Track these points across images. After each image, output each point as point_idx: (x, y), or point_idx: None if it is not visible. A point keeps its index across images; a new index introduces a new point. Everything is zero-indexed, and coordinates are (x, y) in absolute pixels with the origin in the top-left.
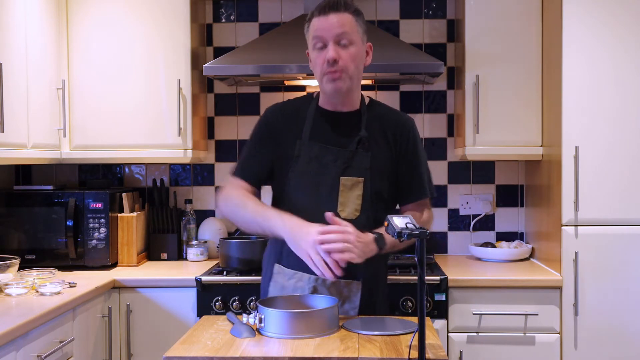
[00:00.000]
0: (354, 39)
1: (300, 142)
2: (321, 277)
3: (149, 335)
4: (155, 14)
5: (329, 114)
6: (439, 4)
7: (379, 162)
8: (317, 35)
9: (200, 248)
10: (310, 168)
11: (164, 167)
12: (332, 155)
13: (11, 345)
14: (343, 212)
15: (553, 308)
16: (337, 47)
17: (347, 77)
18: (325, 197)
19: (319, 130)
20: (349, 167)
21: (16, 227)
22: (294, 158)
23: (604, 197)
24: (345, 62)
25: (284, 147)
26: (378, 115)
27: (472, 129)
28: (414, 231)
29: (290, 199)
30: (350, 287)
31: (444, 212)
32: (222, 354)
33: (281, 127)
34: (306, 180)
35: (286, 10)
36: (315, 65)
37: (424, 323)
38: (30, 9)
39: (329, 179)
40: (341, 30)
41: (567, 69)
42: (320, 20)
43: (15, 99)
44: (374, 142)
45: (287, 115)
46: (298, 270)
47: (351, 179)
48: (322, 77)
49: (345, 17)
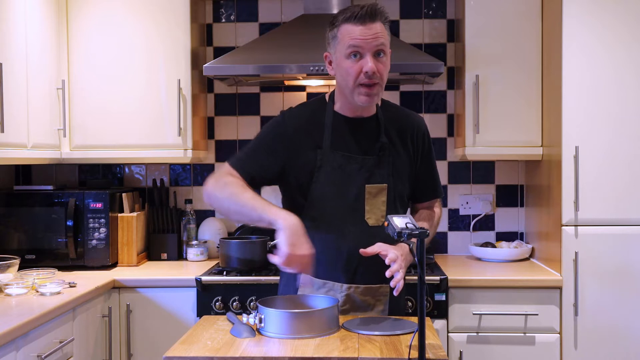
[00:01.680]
0: (387, 50)
1: (322, 152)
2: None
3: (149, 335)
4: (155, 14)
5: (349, 121)
6: (439, 4)
7: (399, 166)
8: (354, 45)
9: (200, 248)
10: (334, 178)
11: (164, 167)
12: (356, 164)
13: (11, 345)
14: (370, 219)
15: (553, 308)
16: (374, 60)
17: (380, 88)
18: (351, 206)
19: (339, 138)
20: (372, 174)
21: (16, 227)
22: (316, 168)
23: (603, 197)
24: (382, 74)
25: (302, 157)
26: (393, 118)
27: (472, 129)
28: (414, 231)
29: (315, 210)
30: (381, 291)
31: (444, 212)
32: (222, 354)
33: (299, 137)
34: (331, 190)
35: (286, 10)
36: (347, 75)
37: (424, 323)
38: (30, 9)
39: (354, 187)
40: (380, 41)
41: (567, 69)
42: (359, 29)
43: (15, 99)
44: (392, 146)
45: (305, 123)
46: (328, 280)
47: (376, 186)
48: (356, 88)
49: (381, 27)
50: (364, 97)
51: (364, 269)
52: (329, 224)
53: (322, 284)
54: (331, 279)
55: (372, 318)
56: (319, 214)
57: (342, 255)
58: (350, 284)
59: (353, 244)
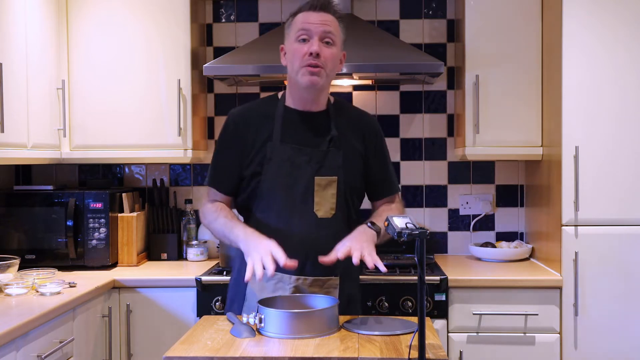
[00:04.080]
0: (336, 41)
1: (272, 144)
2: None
3: (149, 335)
4: (155, 14)
5: (299, 114)
6: (439, 4)
7: (350, 159)
8: (304, 28)
9: (200, 248)
10: (283, 170)
11: (164, 167)
12: (305, 156)
13: (11, 345)
14: (319, 211)
15: (553, 308)
16: (321, 44)
17: (324, 73)
18: (300, 197)
19: (289, 131)
20: (322, 166)
21: (16, 227)
22: (266, 160)
23: (604, 197)
24: (327, 58)
25: (253, 151)
26: (346, 114)
27: (472, 129)
28: (414, 231)
29: (265, 202)
30: (329, 284)
31: (444, 212)
32: (222, 354)
33: (248, 131)
34: (280, 182)
35: (286, 10)
36: (293, 56)
37: (424, 323)
38: (30, 9)
39: (304, 179)
40: (329, 28)
41: (567, 69)
42: (310, 15)
43: (15, 99)
44: (344, 140)
45: (253, 117)
46: (277, 272)
47: (325, 178)
48: (300, 69)
49: (332, 19)
50: (307, 77)
51: (312, 262)
52: (278, 215)
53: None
54: (280, 270)
55: (372, 318)
56: (268, 206)
57: (291, 247)
58: (299, 276)
59: (301, 235)
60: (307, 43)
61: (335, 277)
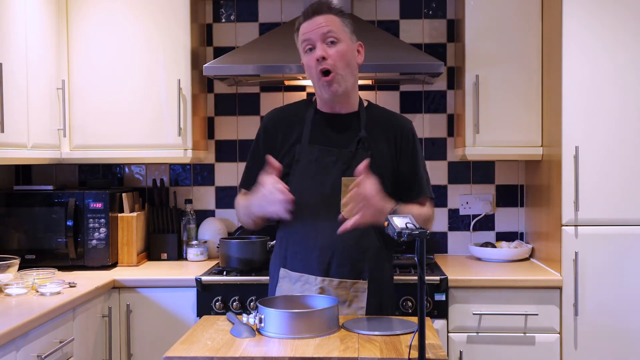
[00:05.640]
0: (340, 37)
1: (300, 146)
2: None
3: (149, 335)
4: (155, 14)
5: (328, 116)
6: (439, 4)
7: (379, 161)
8: (305, 39)
9: (200, 248)
10: (310, 170)
11: (164, 167)
12: (332, 156)
13: (11, 345)
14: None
15: (553, 308)
16: (324, 46)
17: (339, 77)
18: (327, 198)
19: (318, 132)
20: (349, 167)
21: (16, 227)
22: (294, 162)
23: (604, 197)
24: (334, 59)
25: (283, 153)
26: (378, 116)
27: (472, 129)
28: (414, 231)
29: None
30: (356, 287)
31: (444, 212)
32: (222, 354)
33: (279, 134)
34: (307, 182)
35: (286, 10)
36: (309, 69)
37: (424, 323)
38: (30, 9)
39: (330, 180)
40: (327, 29)
41: (567, 69)
42: (306, 25)
43: (15, 99)
44: (373, 142)
45: (285, 120)
46: (304, 273)
47: (352, 179)
48: (317, 83)
49: (329, 17)
50: (326, 89)
51: (337, 263)
52: (305, 216)
53: (298, 277)
54: (306, 271)
55: (372, 318)
56: (295, 206)
57: (316, 247)
58: (325, 277)
59: (327, 236)
60: (314, 51)
61: (363, 281)
